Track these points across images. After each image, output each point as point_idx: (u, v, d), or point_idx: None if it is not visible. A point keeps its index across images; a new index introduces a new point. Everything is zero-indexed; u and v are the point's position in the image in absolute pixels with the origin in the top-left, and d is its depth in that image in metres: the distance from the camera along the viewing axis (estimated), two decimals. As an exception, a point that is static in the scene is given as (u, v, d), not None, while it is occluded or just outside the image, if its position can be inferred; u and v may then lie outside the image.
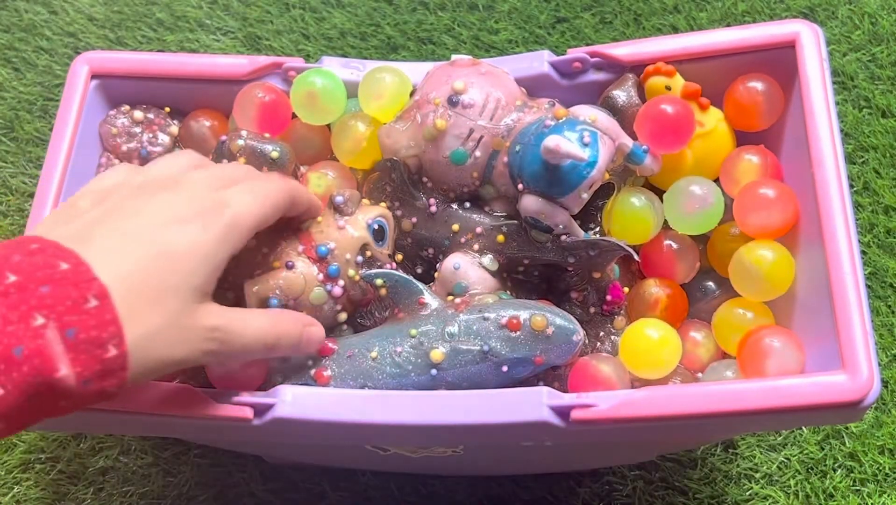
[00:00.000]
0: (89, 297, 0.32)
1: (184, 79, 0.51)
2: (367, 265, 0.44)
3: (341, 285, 0.43)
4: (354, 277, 0.44)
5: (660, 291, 0.46)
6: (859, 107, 0.71)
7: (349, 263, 0.44)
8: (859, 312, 0.40)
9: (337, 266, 0.43)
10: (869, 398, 0.39)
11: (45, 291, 0.31)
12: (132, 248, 0.34)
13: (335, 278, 0.43)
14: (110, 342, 0.32)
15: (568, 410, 0.40)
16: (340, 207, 0.44)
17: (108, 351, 0.32)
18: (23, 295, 0.31)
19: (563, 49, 0.73)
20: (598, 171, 0.42)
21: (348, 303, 0.44)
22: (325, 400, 0.41)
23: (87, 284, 0.32)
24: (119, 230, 0.35)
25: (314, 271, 0.43)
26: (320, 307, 0.43)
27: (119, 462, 0.62)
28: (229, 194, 0.39)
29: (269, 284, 0.42)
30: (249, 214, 0.39)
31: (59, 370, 0.31)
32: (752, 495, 0.60)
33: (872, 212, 0.67)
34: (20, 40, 0.77)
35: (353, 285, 0.44)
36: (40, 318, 0.31)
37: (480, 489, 0.61)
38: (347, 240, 0.44)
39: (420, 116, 0.45)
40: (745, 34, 0.47)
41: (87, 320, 0.32)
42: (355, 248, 0.44)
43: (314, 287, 0.43)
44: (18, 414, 0.31)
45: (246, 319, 0.39)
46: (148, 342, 0.34)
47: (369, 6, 0.77)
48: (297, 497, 0.61)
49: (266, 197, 0.40)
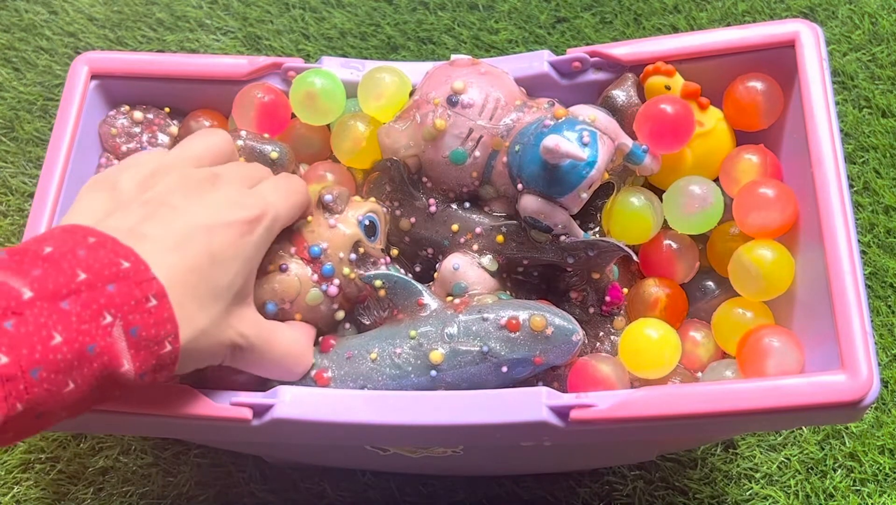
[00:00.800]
0: (150, 296, 0.34)
1: (184, 79, 0.51)
2: (360, 262, 0.44)
3: (336, 284, 0.43)
4: (350, 275, 0.44)
5: (659, 290, 0.46)
6: (859, 107, 0.71)
7: (343, 261, 0.43)
8: (859, 312, 0.40)
9: (331, 265, 0.43)
10: (869, 398, 0.39)
11: (111, 289, 0.33)
12: (184, 249, 0.36)
13: (330, 278, 0.43)
14: (167, 339, 0.34)
15: (567, 410, 0.40)
16: (330, 206, 0.44)
17: (165, 347, 0.34)
18: (92, 294, 0.32)
19: (562, 49, 0.72)
20: (597, 171, 0.42)
21: (345, 301, 0.44)
22: (324, 400, 0.41)
23: (147, 283, 0.34)
24: (171, 228, 0.36)
25: (308, 272, 0.43)
26: (317, 307, 0.43)
27: (119, 462, 0.62)
28: (264, 194, 0.40)
29: (263, 288, 0.42)
30: (283, 215, 0.41)
31: (122, 365, 0.33)
32: (752, 495, 0.60)
33: (872, 212, 0.67)
34: (20, 40, 0.77)
35: (349, 283, 0.44)
36: (108, 316, 0.33)
37: (480, 489, 0.61)
38: (339, 238, 0.43)
39: (420, 116, 0.45)
40: (744, 34, 0.47)
41: (148, 319, 0.34)
42: (348, 246, 0.44)
43: (310, 288, 0.43)
44: (81, 404, 0.33)
45: (276, 332, 0.41)
46: (195, 341, 0.36)
47: (369, 6, 0.77)
48: (297, 497, 0.61)
49: (292, 196, 0.42)
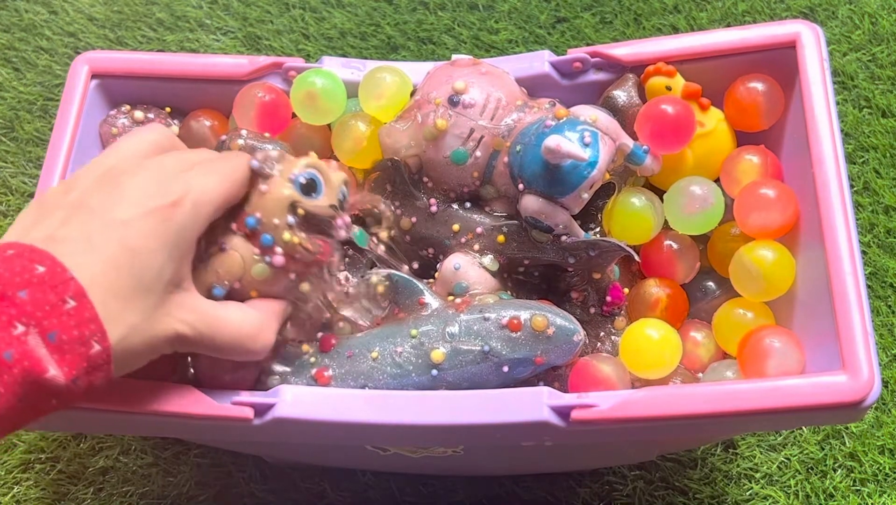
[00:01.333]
0: (67, 297, 0.33)
1: (184, 79, 0.51)
2: (305, 224, 0.41)
3: (280, 253, 0.40)
4: (292, 241, 0.40)
5: (660, 291, 0.46)
6: (859, 107, 0.71)
7: (280, 227, 0.40)
8: (859, 313, 0.40)
9: (270, 235, 0.40)
10: (869, 399, 0.39)
11: (23, 296, 0.32)
12: (102, 247, 0.35)
13: (271, 248, 0.40)
14: (92, 339, 0.33)
15: (568, 410, 0.40)
16: (260, 171, 0.41)
17: (92, 347, 0.33)
18: (2, 303, 0.32)
19: (563, 49, 0.73)
20: (598, 172, 0.42)
21: (302, 267, 0.41)
22: (325, 400, 0.41)
23: (63, 285, 0.33)
24: (87, 228, 0.35)
25: (250, 247, 0.40)
26: (272, 281, 0.41)
27: (119, 462, 0.62)
28: (189, 177, 0.39)
29: (207, 272, 0.40)
30: (212, 193, 0.39)
31: (47, 371, 0.32)
32: (753, 495, 0.60)
33: (872, 212, 0.67)
34: (20, 40, 0.76)
35: (295, 249, 0.40)
36: (20, 326, 0.32)
37: (480, 489, 0.61)
38: (271, 203, 0.40)
39: (421, 116, 0.45)
40: (745, 34, 0.47)
41: (67, 321, 0.33)
42: (282, 210, 0.40)
43: (253, 263, 0.40)
44: (14, 414, 0.32)
45: (221, 315, 0.39)
46: (128, 338, 0.35)
47: (369, 6, 0.77)
48: (297, 497, 0.61)
49: (227, 175, 0.40)
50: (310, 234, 0.41)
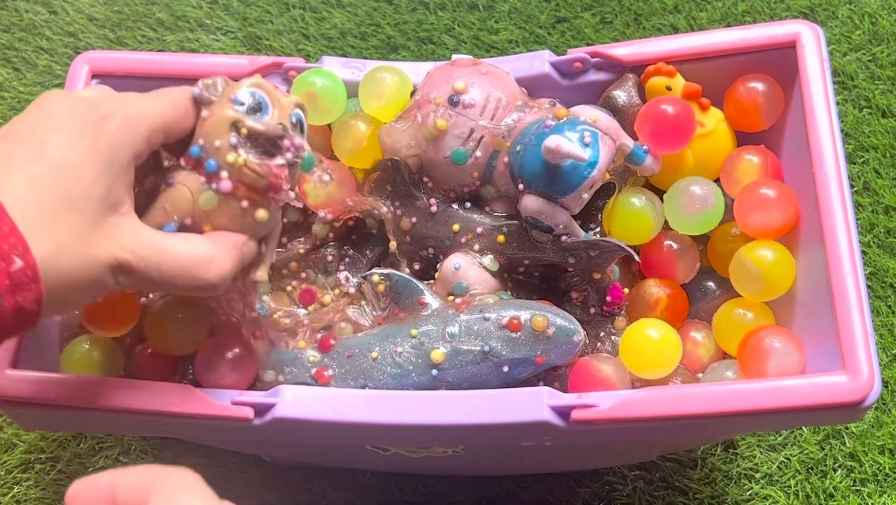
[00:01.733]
0: None
1: (184, 79, 0.50)
2: (249, 143, 0.38)
3: (226, 177, 0.38)
4: (237, 162, 0.38)
5: (660, 291, 0.46)
6: (859, 107, 0.71)
7: (223, 149, 0.38)
8: (859, 313, 0.40)
9: (213, 161, 0.38)
10: (869, 399, 0.39)
11: None
12: (24, 164, 0.34)
13: (216, 173, 0.38)
14: (13, 253, 0.31)
15: (568, 410, 0.40)
16: (201, 98, 0.39)
17: (14, 263, 0.31)
18: None
19: (563, 49, 0.73)
20: (598, 172, 0.42)
21: (256, 195, 0.39)
22: (325, 400, 0.41)
23: None
24: (10, 149, 0.34)
25: (197, 177, 0.38)
26: (225, 212, 0.39)
27: (119, 462, 0.62)
28: (124, 99, 0.37)
29: (156, 210, 0.38)
30: (147, 112, 0.37)
31: None
32: (753, 495, 0.60)
33: (872, 212, 0.67)
34: (20, 40, 0.76)
35: (241, 172, 0.38)
36: None
37: (480, 489, 0.61)
38: (213, 126, 0.38)
39: (421, 116, 0.45)
40: (745, 34, 0.47)
41: None
42: (224, 131, 0.38)
43: (201, 193, 0.38)
44: None
45: (165, 242, 0.37)
46: (57, 256, 0.33)
47: (369, 6, 0.77)
48: (297, 497, 0.61)
49: (166, 101, 0.38)
50: (259, 157, 0.38)
